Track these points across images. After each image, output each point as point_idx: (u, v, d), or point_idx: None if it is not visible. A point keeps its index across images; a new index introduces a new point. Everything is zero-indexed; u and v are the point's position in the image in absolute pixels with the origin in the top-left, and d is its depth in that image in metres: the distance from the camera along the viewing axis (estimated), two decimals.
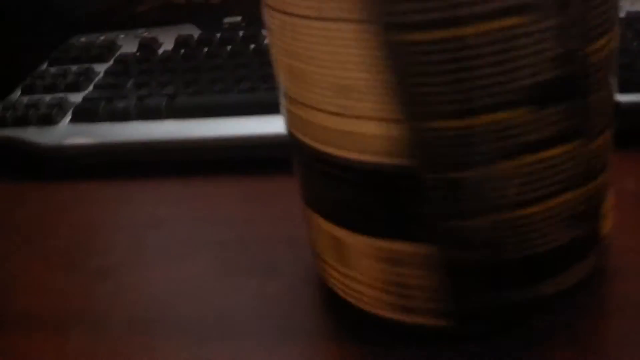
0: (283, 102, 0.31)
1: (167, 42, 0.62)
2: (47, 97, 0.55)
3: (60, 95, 0.56)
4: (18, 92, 0.58)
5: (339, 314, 0.35)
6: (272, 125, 0.49)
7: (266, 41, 0.59)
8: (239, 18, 0.66)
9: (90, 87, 0.57)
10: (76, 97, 0.55)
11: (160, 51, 0.60)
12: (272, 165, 0.48)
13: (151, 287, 0.39)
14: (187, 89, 0.53)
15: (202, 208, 0.46)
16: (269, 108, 0.50)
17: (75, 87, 0.57)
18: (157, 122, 0.51)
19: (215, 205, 0.46)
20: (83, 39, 0.65)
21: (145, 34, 0.65)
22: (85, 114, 0.52)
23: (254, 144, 0.49)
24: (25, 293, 0.40)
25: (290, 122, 0.31)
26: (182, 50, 0.59)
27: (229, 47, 0.58)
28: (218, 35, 0.61)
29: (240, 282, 0.38)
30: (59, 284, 0.40)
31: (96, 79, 0.58)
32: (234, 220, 0.44)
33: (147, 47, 0.61)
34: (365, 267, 0.30)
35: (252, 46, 0.58)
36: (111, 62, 0.60)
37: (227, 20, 0.66)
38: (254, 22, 0.66)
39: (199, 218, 0.45)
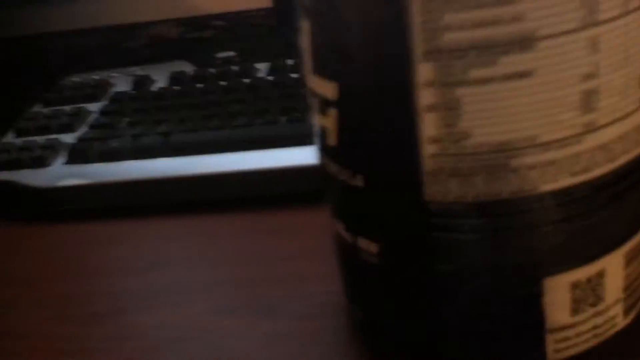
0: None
1: (160, 79, 0.62)
2: (40, 139, 0.55)
3: (54, 136, 0.55)
4: (11, 135, 0.57)
5: (353, 353, 0.34)
6: (269, 160, 0.48)
7: (261, 75, 0.59)
8: (232, 53, 0.66)
9: (84, 128, 0.56)
10: (70, 138, 0.55)
11: (154, 88, 0.60)
12: (270, 201, 0.48)
13: (152, 331, 0.38)
14: (182, 126, 0.53)
15: (201, 247, 0.45)
16: (266, 143, 0.49)
17: (68, 128, 0.56)
18: (153, 160, 0.50)
19: (214, 244, 0.45)
20: (75, 79, 0.65)
21: (138, 72, 0.64)
22: (79, 155, 0.52)
23: (251, 179, 0.48)
24: (23, 343, 0.39)
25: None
26: (176, 87, 0.59)
27: (223, 83, 0.58)
28: (212, 71, 0.60)
29: (245, 323, 0.38)
30: (58, 332, 0.39)
31: (90, 119, 0.57)
32: (234, 259, 0.43)
33: (141, 84, 0.61)
34: (615, 285, 0.30)
35: (247, 81, 0.58)
36: (104, 101, 0.60)
37: (221, 55, 0.66)
38: (247, 56, 0.66)
39: (197, 258, 0.44)
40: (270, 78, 0.57)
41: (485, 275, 0.28)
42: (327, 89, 0.30)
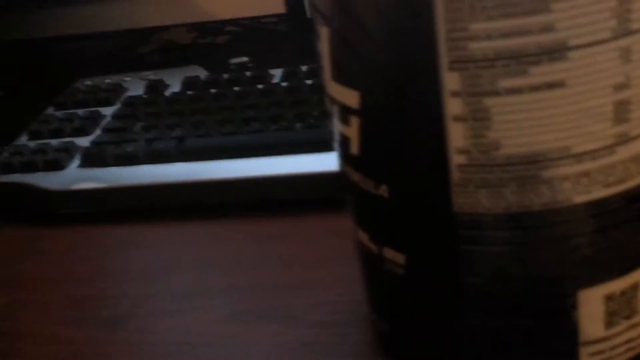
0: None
1: (173, 84, 0.62)
2: (54, 142, 0.55)
3: (68, 139, 0.55)
4: (24, 137, 0.57)
5: None
6: (282, 166, 0.48)
7: (275, 81, 0.59)
8: (245, 58, 0.65)
9: (98, 131, 0.56)
10: (83, 142, 0.55)
11: (168, 93, 0.60)
12: (282, 207, 0.47)
13: (167, 336, 0.38)
14: (196, 131, 0.53)
15: (214, 252, 0.45)
16: (279, 149, 0.49)
17: (82, 131, 0.56)
18: (167, 165, 0.50)
19: (226, 249, 0.45)
20: (88, 82, 0.65)
21: (152, 76, 0.64)
22: (93, 158, 0.52)
23: (264, 185, 0.48)
24: (35, 345, 0.39)
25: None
26: (190, 92, 0.59)
27: (236, 88, 0.58)
28: (225, 76, 0.60)
29: (256, 329, 0.37)
30: (70, 336, 0.39)
31: (103, 123, 0.57)
32: (246, 264, 0.43)
33: (154, 89, 0.61)
34: None
35: (260, 86, 0.58)
36: (118, 105, 0.60)
37: (234, 60, 0.66)
38: (261, 62, 0.66)
39: (210, 263, 0.44)
40: (285, 84, 0.57)
41: (516, 289, 0.28)
42: (348, 97, 0.29)
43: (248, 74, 0.60)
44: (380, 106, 0.28)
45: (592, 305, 0.28)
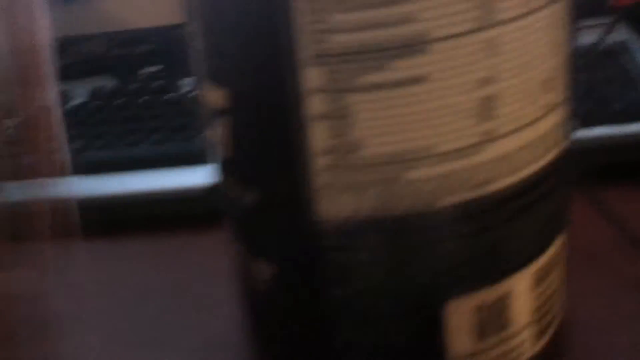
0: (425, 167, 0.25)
1: (81, 95, 0.59)
2: None
3: None
4: None
5: None
6: (183, 178, 0.46)
7: (183, 91, 0.56)
8: (158, 67, 0.63)
9: None
10: None
11: (72, 104, 0.57)
12: (181, 222, 0.45)
13: None
14: (96, 143, 0.50)
15: (103, 272, 0.42)
16: (181, 160, 0.47)
17: None
18: (61, 179, 0.48)
19: (115, 268, 0.42)
20: None
21: (58, 87, 0.61)
22: None
23: (163, 199, 0.45)
24: None
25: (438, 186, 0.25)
26: (95, 103, 0.56)
27: (144, 98, 0.56)
28: (133, 86, 0.58)
29: (146, 355, 0.35)
30: None
31: (1, 137, 0.54)
32: (136, 284, 0.40)
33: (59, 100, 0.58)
34: (524, 307, 0.28)
35: (168, 97, 0.55)
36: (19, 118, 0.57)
37: (146, 70, 0.64)
38: (175, 71, 0.63)
39: (99, 283, 0.41)
40: (193, 94, 0.55)
41: (383, 299, 0.26)
42: (220, 97, 0.27)
43: (157, 83, 0.58)
44: (246, 105, 0.26)
45: (461, 316, 0.27)
